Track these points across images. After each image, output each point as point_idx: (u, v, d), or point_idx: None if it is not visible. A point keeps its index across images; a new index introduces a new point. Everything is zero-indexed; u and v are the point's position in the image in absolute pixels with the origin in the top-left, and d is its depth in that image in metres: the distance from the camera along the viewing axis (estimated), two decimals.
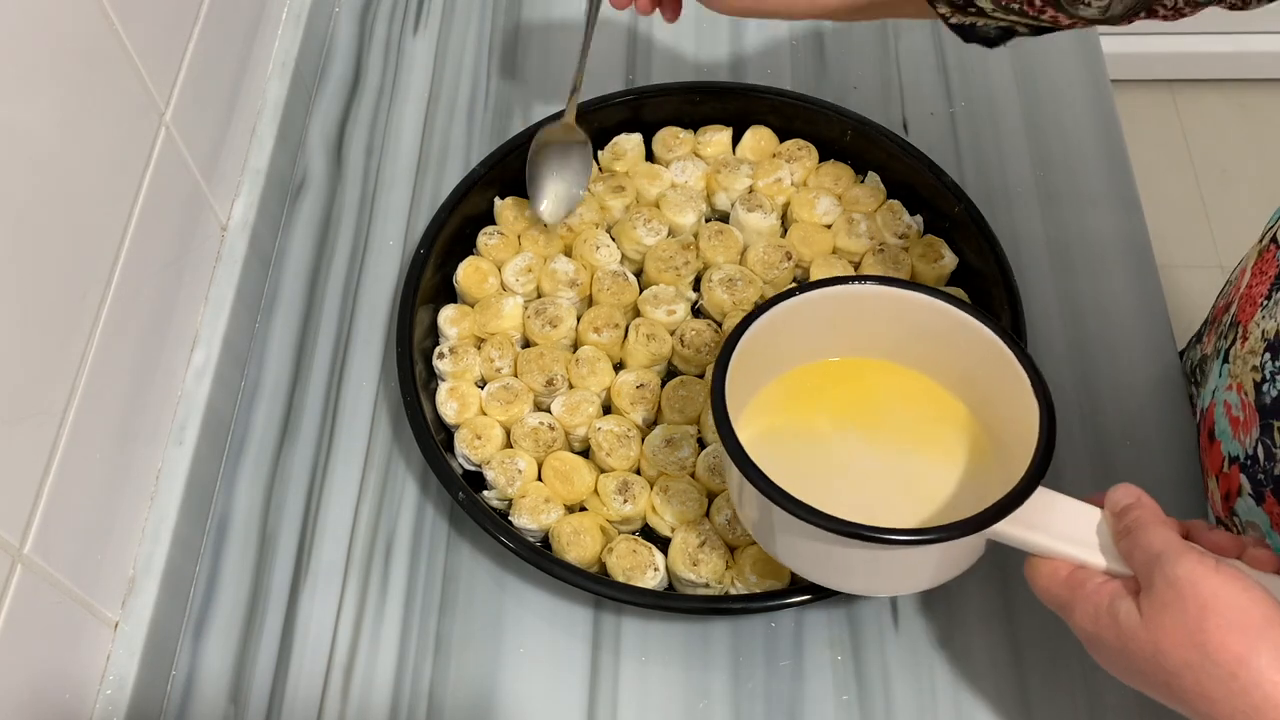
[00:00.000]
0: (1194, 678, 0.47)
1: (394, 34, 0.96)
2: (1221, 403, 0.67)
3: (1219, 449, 0.67)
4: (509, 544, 0.67)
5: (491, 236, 0.81)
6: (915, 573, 0.59)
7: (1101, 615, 0.51)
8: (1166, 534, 0.50)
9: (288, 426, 0.78)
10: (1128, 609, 0.50)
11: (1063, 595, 0.54)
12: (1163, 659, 0.48)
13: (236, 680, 0.69)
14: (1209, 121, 2.05)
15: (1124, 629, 0.50)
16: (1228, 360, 0.67)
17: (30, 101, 0.55)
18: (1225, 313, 0.71)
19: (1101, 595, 0.52)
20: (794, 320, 0.64)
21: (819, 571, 0.61)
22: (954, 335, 0.62)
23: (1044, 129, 0.89)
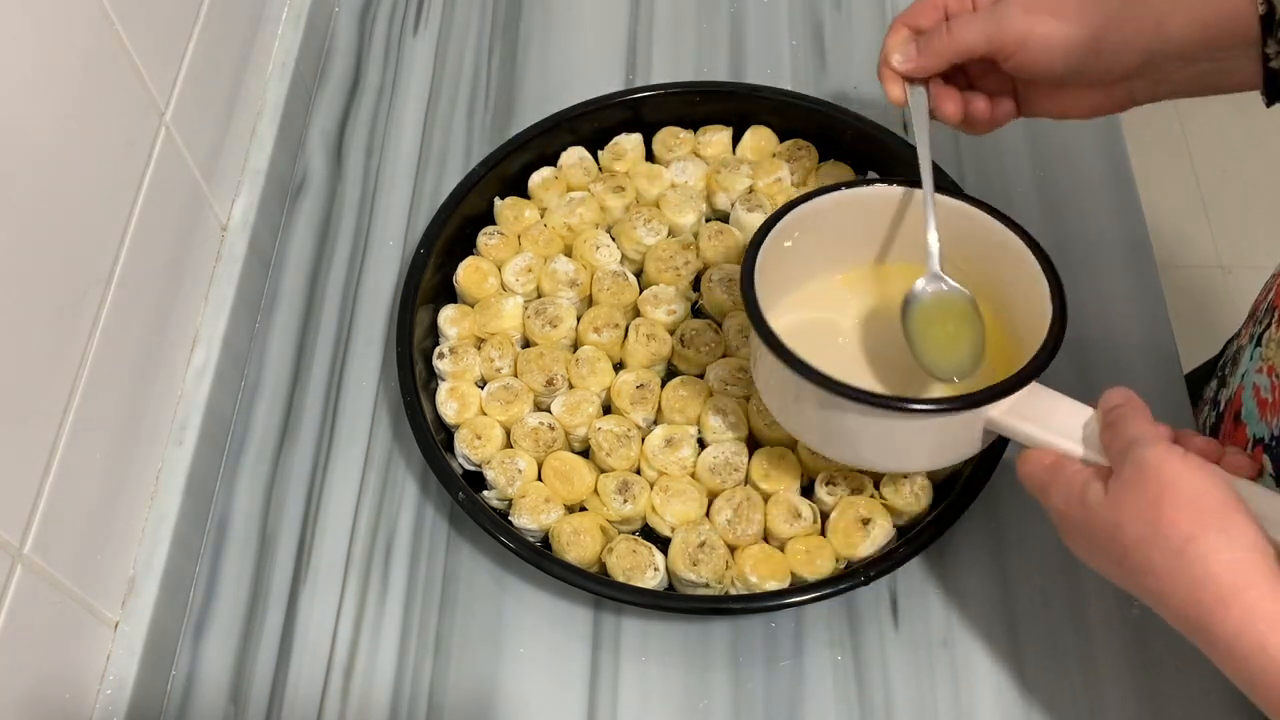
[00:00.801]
0: (1144, 552, 0.49)
1: (394, 34, 0.96)
2: (1250, 385, 0.67)
3: (1244, 432, 0.66)
4: (509, 544, 0.67)
5: (491, 236, 0.81)
6: (915, 448, 0.62)
7: (1073, 495, 0.54)
8: (1145, 425, 0.53)
9: (288, 426, 0.78)
10: (1096, 490, 0.53)
11: (1043, 478, 0.56)
12: (1119, 534, 0.51)
13: (236, 680, 0.69)
14: (1209, 121, 2.04)
15: (1090, 507, 0.53)
16: (1260, 344, 0.67)
17: (30, 101, 0.55)
18: (1263, 303, 0.71)
19: (1076, 479, 0.54)
20: (821, 221, 0.66)
21: (827, 442, 0.64)
22: (981, 239, 0.65)
23: (1044, 129, 0.89)
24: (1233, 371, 0.72)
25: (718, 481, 0.71)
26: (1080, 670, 0.68)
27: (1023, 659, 0.68)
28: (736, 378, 0.74)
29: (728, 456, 0.71)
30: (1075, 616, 0.69)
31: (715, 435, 0.72)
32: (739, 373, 0.74)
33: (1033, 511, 0.72)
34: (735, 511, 0.69)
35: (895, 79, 0.65)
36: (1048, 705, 0.67)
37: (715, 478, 0.71)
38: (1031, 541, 0.72)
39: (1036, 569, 0.71)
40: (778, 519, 0.69)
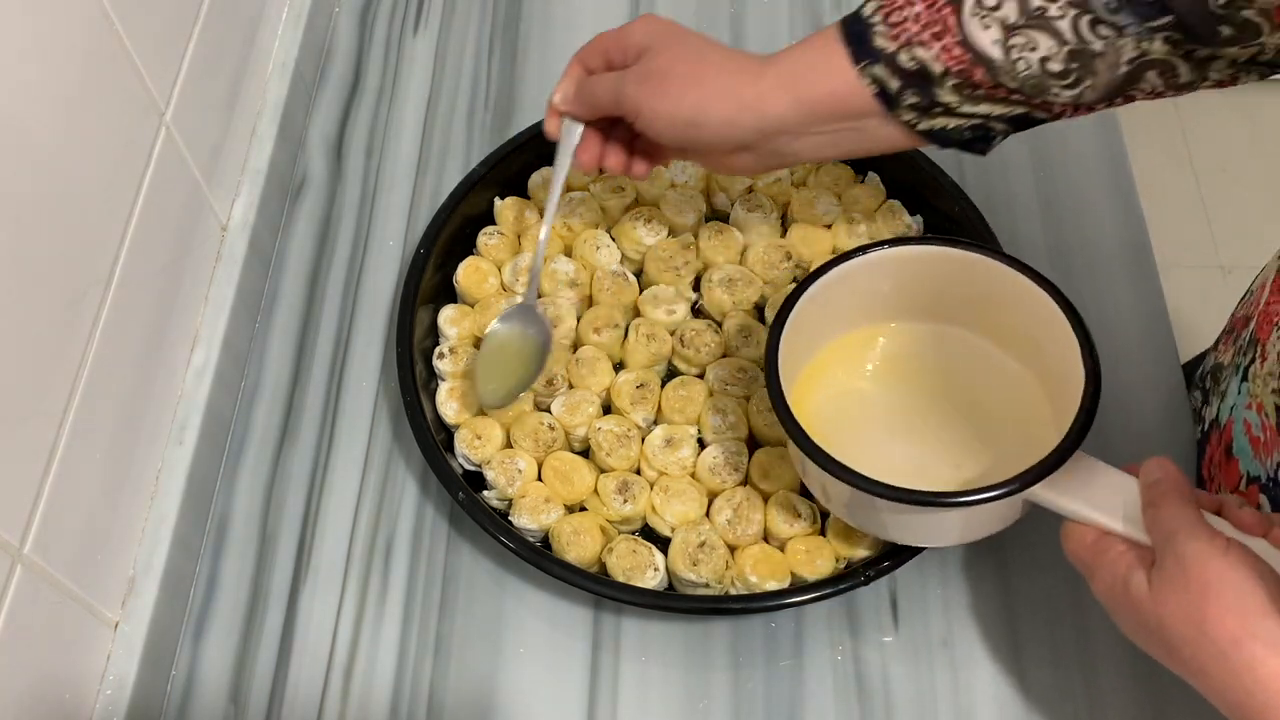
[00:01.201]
0: (1191, 652, 0.50)
1: (394, 34, 0.96)
2: (1240, 420, 0.66)
3: (1237, 466, 0.66)
4: (509, 544, 0.67)
5: (491, 236, 0.81)
6: (954, 529, 0.62)
7: (1117, 583, 0.53)
8: (1185, 511, 0.52)
9: (288, 426, 0.78)
10: (1139, 580, 0.52)
11: (1087, 559, 0.56)
12: (1165, 632, 0.50)
13: (236, 680, 0.69)
14: (1209, 121, 2.05)
15: (1134, 599, 0.52)
16: (1246, 378, 0.66)
17: (30, 101, 0.55)
18: (1245, 327, 0.70)
19: (1119, 564, 0.54)
20: (851, 283, 0.66)
21: (868, 524, 0.64)
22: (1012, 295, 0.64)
23: (1044, 129, 0.89)
24: (1215, 390, 0.72)
25: (718, 481, 0.71)
26: (1080, 671, 0.68)
27: (1023, 659, 0.68)
28: (736, 378, 0.74)
29: (728, 456, 0.71)
30: (1075, 617, 0.69)
31: (715, 435, 0.72)
32: (739, 373, 0.74)
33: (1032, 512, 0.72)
34: (735, 511, 0.69)
35: (554, 114, 0.69)
36: (1048, 706, 0.67)
37: (715, 478, 0.71)
38: (1032, 542, 0.72)
39: (1036, 569, 0.71)
40: (778, 519, 0.69)
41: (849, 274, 0.66)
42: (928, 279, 0.67)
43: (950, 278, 0.66)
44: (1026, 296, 0.64)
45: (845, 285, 0.66)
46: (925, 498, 0.58)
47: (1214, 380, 0.73)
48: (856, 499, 0.61)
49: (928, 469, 0.65)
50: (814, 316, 0.65)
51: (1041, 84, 0.57)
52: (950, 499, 0.58)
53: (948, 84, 0.58)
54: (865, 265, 0.66)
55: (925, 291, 0.68)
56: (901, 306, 0.69)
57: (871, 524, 0.64)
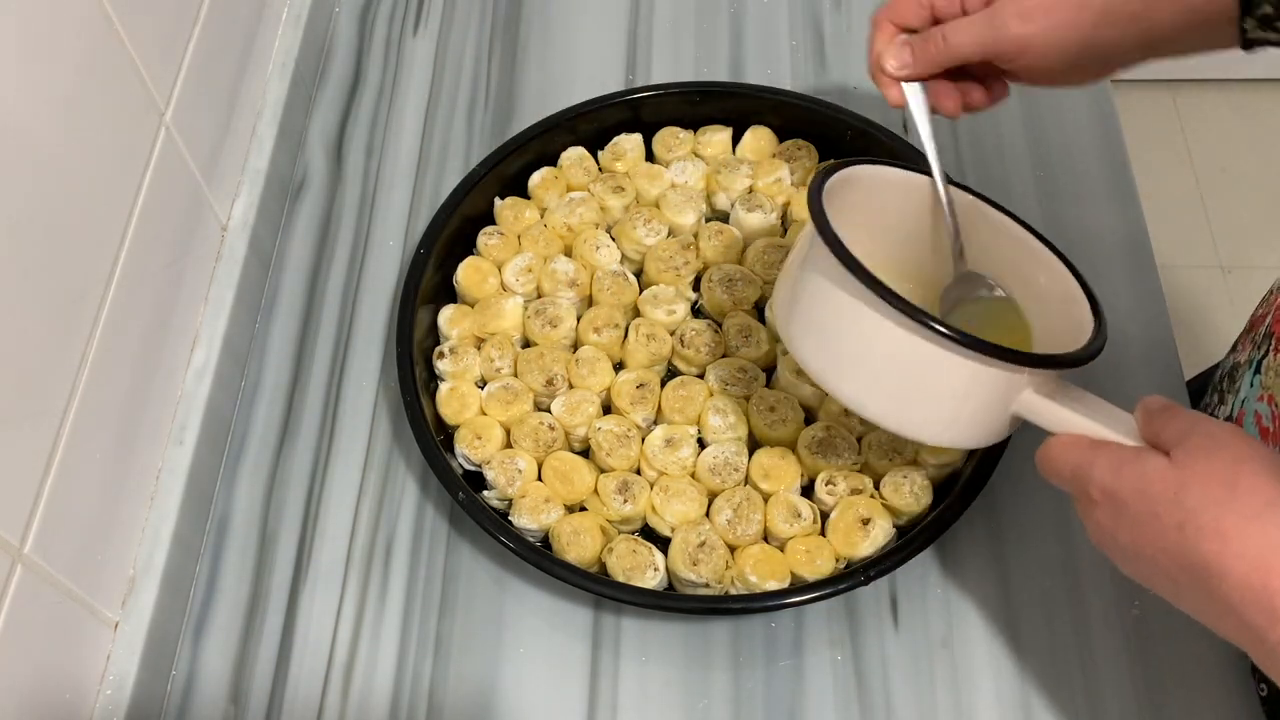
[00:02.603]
0: (1214, 513, 0.46)
1: (394, 34, 0.96)
2: (1251, 412, 0.66)
3: None
4: (509, 544, 0.67)
5: (491, 236, 0.81)
6: (932, 401, 0.58)
7: (1125, 465, 0.50)
8: (1201, 413, 0.51)
9: (288, 426, 0.78)
10: (1155, 458, 0.50)
11: (1082, 458, 0.53)
12: (1185, 495, 0.48)
13: (236, 680, 0.69)
14: (1209, 121, 2.05)
15: (1148, 472, 0.49)
16: (1259, 371, 0.67)
17: (30, 101, 0.55)
18: (1262, 323, 0.71)
19: (1126, 450, 0.51)
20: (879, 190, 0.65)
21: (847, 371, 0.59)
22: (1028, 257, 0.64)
23: (1044, 129, 0.89)
24: (1230, 389, 0.72)
25: (718, 481, 0.71)
26: (1080, 670, 0.68)
27: (1023, 659, 0.68)
28: (736, 378, 0.74)
29: (728, 456, 0.71)
30: (1075, 616, 0.69)
31: (715, 435, 0.72)
32: (739, 373, 0.74)
33: (1033, 512, 0.72)
34: (735, 511, 0.69)
35: (892, 84, 0.64)
36: (1048, 706, 0.67)
37: (715, 478, 0.71)
38: (1031, 541, 0.72)
39: (1036, 569, 0.71)
40: (778, 519, 0.69)
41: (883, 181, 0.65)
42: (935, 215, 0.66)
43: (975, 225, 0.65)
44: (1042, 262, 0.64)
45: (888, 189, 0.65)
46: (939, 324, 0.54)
47: (1230, 380, 0.73)
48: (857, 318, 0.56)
49: None
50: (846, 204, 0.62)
51: None
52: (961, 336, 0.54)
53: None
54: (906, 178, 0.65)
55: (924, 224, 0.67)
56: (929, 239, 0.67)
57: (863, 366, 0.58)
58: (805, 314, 0.60)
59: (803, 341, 0.60)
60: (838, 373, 0.59)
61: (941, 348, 0.55)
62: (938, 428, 0.59)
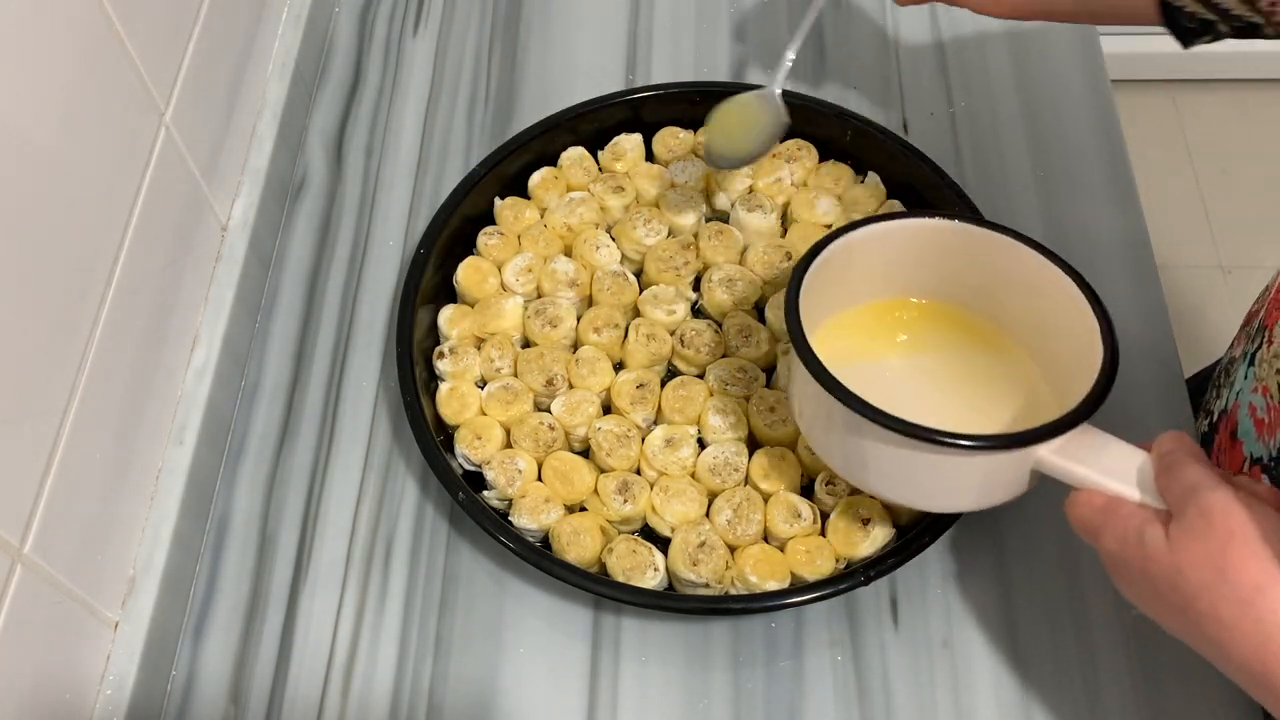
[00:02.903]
0: (1209, 600, 0.48)
1: (394, 34, 0.96)
2: (1246, 404, 0.67)
3: (1241, 449, 0.66)
4: (509, 544, 0.67)
5: (491, 236, 0.81)
6: (959, 488, 0.60)
7: (1129, 537, 0.52)
8: (1204, 469, 0.51)
9: (288, 426, 0.78)
10: (1155, 534, 0.51)
11: (1095, 520, 0.55)
12: (1182, 580, 0.49)
13: (236, 680, 0.69)
14: (1209, 121, 2.05)
15: (1149, 551, 0.51)
16: (1254, 363, 0.67)
17: (30, 101, 0.55)
18: (1255, 318, 0.71)
19: (1132, 521, 0.53)
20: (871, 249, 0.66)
21: (869, 476, 0.62)
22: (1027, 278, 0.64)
23: (1044, 129, 0.90)
24: (1226, 383, 0.72)
25: (718, 481, 0.71)
26: (1080, 671, 0.68)
27: (1023, 659, 0.68)
28: (736, 378, 0.74)
29: (728, 456, 0.71)
30: (1075, 617, 0.69)
31: (715, 435, 0.72)
32: (739, 373, 0.74)
33: (1033, 512, 0.72)
34: (735, 511, 0.69)
35: None
36: (1048, 706, 0.67)
37: (715, 478, 0.71)
38: (1031, 542, 0.72)
39: (1036, 569, 0.71)
40: (778, 519, 0.69)
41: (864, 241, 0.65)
42: (942, 254, 0.66)
43: (967, 256, 0.66)
44: (1039, 277, 0.63)
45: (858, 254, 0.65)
46: (938, 436, 0.56)
47: (1226, 375, 0.73)
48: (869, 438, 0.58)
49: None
50: (824, 282, 0.64)
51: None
52: (963, 440, 0.56)
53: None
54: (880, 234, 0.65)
55: (937, 267, 0.67)
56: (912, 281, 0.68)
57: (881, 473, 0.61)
58: (823, 434, 0.63)
59: (824, 450, 0.64)
60: (861, 478, 0.63)
61: (950, 454, 0.57)
62: (965, 503, 0.62)
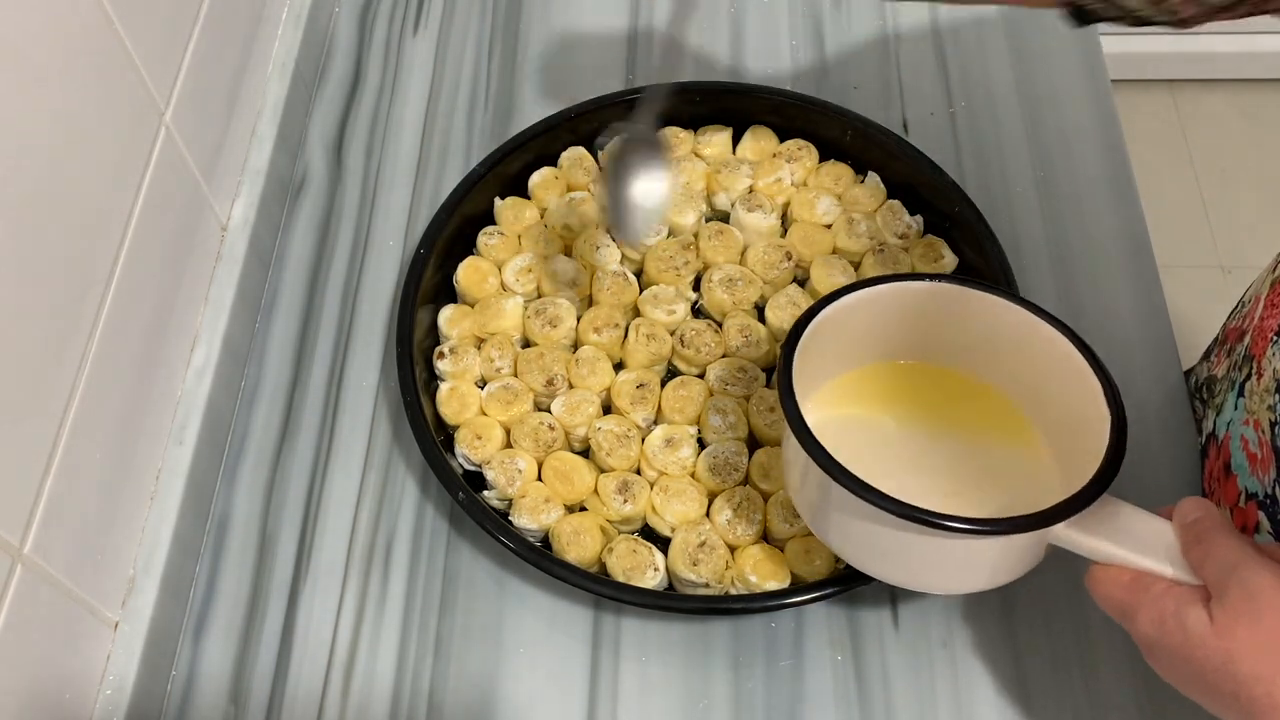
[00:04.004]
0: (1265, 689, 0.46)
1: (394, 34, 0.96)
2: (1238, 436, 0.66)
3: (1235, 482, 0.66)
4: (509, 544, 0.67)
5: (491, 236, 0.81)
6: (970, 570, 0.58)
7: (1167, 621, 0.50)
8: (1241, 544, 0.49)
9: (288, 426, 0.78)
10: (1197, 616, 0.48)
11: (1126, 600, 0.52)
12: (1233, 668, 0.47)
13: (236, 680, 0.69)
14: (1209, 121, 2.05)
15: (1191, 636, 0.48)
16: (1243, 394, 0.66)
17: (30, 101, 0.55)
18: (1239, 341, 0.70)
19: (1167, 601, 0.50)
20: (861, 314, 0.63)
21: (873, 560, 0.60)
22: (1023, 338, 0.62)
23: (1044, 129, 0.90)
24: (1211, 403, 0.72)
25: (718, 481, 0.71)
26: (1080, 671, 0.68)
27: (1023, 659, 0.68)
28: (736, 378, 0.74)
29: (728, 456, 0.71)
30: (1075, 616, 0.69)
31: (715, 435, 0.72)
32: (739, 373, 0.74)
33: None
34: (735, 511, 0.69)
35: None
36: (1048, 705, 0.67)
37: (715, 478, 0.71)
38: None
39: (1036, 569, 0.71)
40: (778, 519, 0.69)
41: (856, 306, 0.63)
42: (936, 317, 0.64)
43: (960, 317, 0.64)
44: (1039, 340, 0.61)
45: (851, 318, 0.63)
46: (956, 524, 0.53)
47: (1209, 393, 0.72)
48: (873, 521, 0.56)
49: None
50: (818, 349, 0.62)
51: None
52: (978, 525, 0.53)
53: None
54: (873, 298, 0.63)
55: (933, 330, 0.65)
56: (909, 344, 0.66)
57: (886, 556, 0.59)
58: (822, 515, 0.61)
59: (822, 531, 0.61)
60: (874, 566, 0.60)
61: (972, 540, 0.55)
62: (978, 584, 0.59)
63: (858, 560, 0.61)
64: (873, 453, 0.63)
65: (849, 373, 0.67)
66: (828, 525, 0.60)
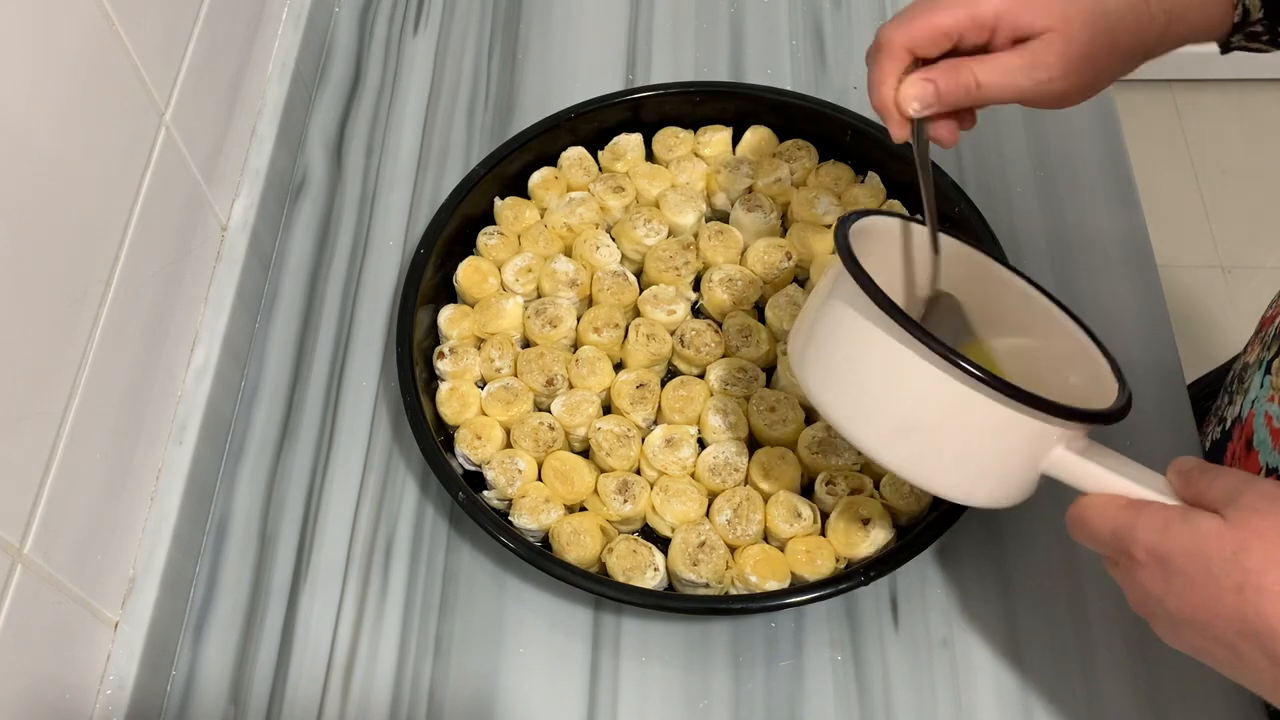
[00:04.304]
0: (1277, 575, 0.44)
1: (394, 34, 0.96)
2: (1262, 413, 0.66)
3: (1256, 459, 0.66)
4: (509, 544, 0.67)
5: (491, 236, 0.81)
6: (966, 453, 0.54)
7: (1173, 524, 0.48)
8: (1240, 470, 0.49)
9: (288, 426, 0.78)
10: (1206, 516, 0.47)
11: (1123, 518, 0.50)
12: (1244, 556, 0.45)
13: (236, 680, 0.69)
14: (1209, 121, 2.05)
15: (1201, 530, 0.47)
16: (1270, 371, 0.66)
17: (30, 101, 0.55)
18: (1271, 324, 0.70)
19: (1173, 509, 0.49)
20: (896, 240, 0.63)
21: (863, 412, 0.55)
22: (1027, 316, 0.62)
23: (1044, 129, 0.89)
24: (1240, 389, 0.72)
25: (718, 481, 0.71)
26: (1080, 670, 0.68)
27: (1023, 659, 0.68)
28: (736, 378, 0.74)
29: (728, 456, 0.71)
30: (1075, 616, 0.69)
31: (715, 435, 0.72)
32: (739, 373, 0.74)
33: (1033, 511, 0.72)
34: (735, 511, 0.69)
35: (905, 122, 0.59)
36: (1048, 705, 0.67)
37: (715, 478, 0.71)
38: (1031, 541, 0.72)
39: (1036, 569, 0.71)
40: (778, 519, 0.69)
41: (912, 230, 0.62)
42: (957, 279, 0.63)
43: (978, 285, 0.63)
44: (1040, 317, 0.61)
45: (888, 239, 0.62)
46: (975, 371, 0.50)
47: (1240, 382, 0.72)
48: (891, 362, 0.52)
49: None
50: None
51: None
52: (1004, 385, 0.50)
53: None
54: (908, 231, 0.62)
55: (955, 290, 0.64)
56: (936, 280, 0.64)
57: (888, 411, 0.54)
58: (828, 357, 0.57)
59: (822, 387, 0.57)
60: (863, 419, 0.55)
61: (975, 392, 0.51)
62: (964, 483, 0.55)
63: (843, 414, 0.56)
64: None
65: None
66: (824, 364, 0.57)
